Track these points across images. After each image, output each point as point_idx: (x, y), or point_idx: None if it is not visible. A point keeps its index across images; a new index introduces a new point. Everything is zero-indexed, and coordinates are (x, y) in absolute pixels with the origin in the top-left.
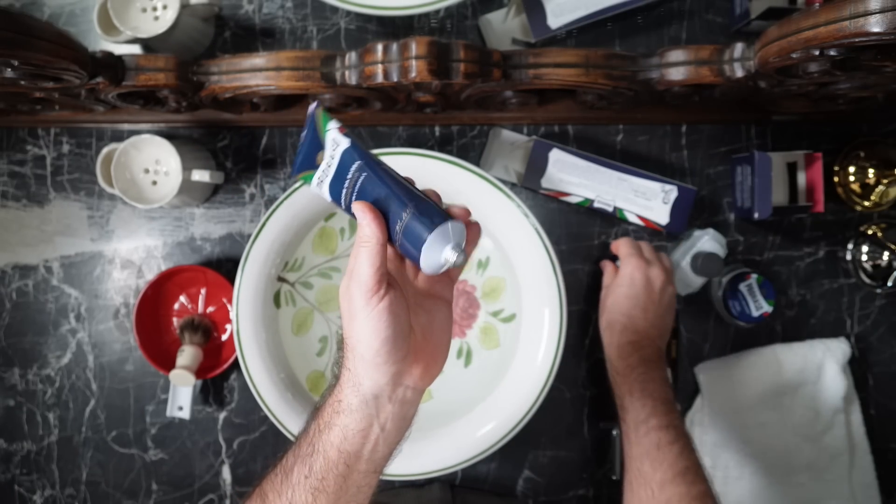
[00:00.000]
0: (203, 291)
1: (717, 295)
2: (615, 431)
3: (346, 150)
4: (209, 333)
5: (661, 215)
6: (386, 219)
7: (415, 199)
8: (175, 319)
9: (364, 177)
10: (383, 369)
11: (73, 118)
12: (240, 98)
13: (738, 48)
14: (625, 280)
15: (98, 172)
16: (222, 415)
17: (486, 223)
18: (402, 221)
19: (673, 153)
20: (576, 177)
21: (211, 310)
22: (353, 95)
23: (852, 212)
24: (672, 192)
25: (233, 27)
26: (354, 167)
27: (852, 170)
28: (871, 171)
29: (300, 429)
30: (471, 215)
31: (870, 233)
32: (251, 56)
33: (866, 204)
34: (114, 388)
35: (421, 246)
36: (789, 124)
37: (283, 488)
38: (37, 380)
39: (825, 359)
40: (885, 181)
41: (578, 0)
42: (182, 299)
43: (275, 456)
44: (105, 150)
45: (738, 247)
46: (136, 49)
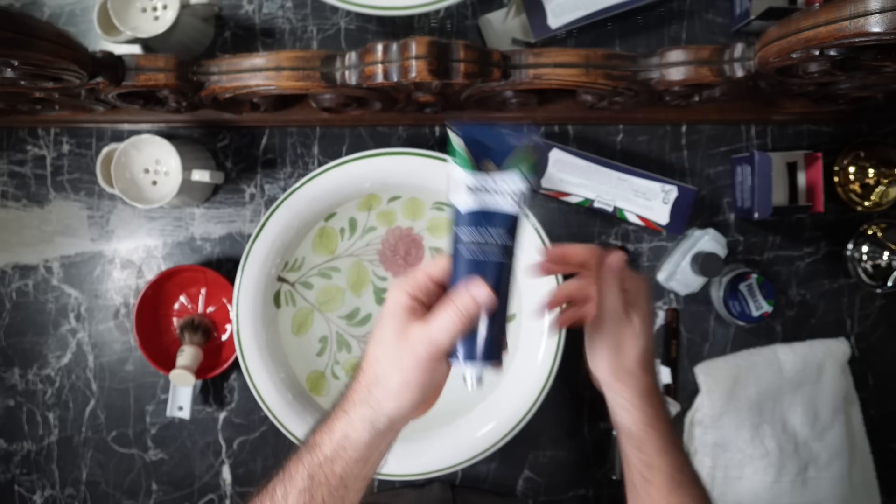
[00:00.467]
0: (203, 291)
1: (717, 295)
2: (615, 431)
3: (509, 217)
4: (209, 333)
5: (661, 215)
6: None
7: (492, 319)
8: (175, 319)
9: (495, 250)
10: (409, 407)
11: (73, 118)
12: (240, 98)
13: (738, 48)
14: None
15: (98, 172)
16: (222, 415)
17: None
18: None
19: (673, 153)
20: (576, 177)
21: (211, 310)
22: (353, 95)
23: (852, 212)
24: (672, 192)
25: (233, 27)
26: (499, 235)
27: (852, 170)
28: (871, 171)
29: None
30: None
31: (870, 233)
32: (251, 56)
33: (866, 204)
34: (114, 388)
35: (456, 353)
36: (789, 124)
37: None
38: (37, 380)
39: (825, 359)
40: (885, 181)
41: (578, 0)
42: (182, 299)
43: (275, 456)
44: (105, 150)
45: (738, 247)
46: (136, 49)
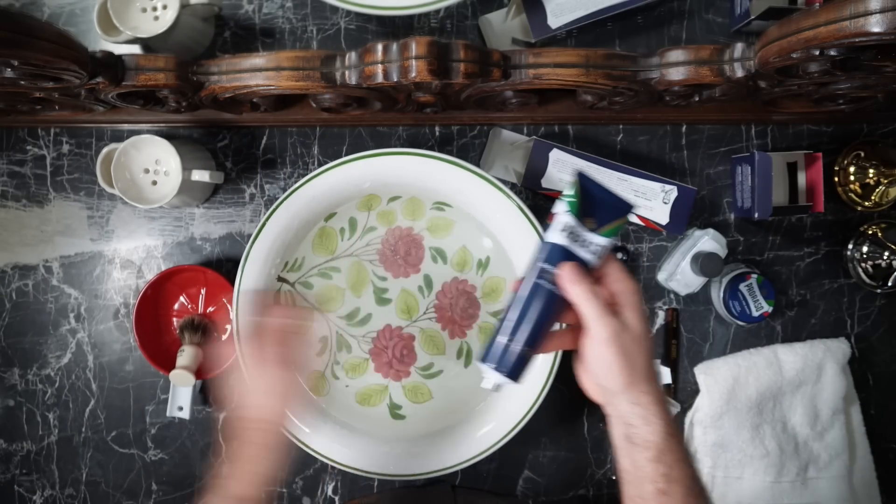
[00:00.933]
0: (203, 291)
1: (717, 295)
2: (618, 447)
3: (587, 267)
4: (209, 333)
5: (661, 215)
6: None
7: (519, 336)
8: (175, 319)
9: (543, 289)
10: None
11: (73, 118)
12: (240, 98)
13: (738, 48)
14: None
15: (98, 172)
16: (222, 415)
17: (486, 223)
18: (502, 336)
19: (673, 153)
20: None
21: (211, 310)
22: (353, 95)
23: (852, 212)
24: (672, 192)
25: (233, 27)
26: (547, 284)
27: (852, 170)
28: (871, 171)
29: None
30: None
31: (870, 233)
32: (251, 56)
33: (866, 204)
34: (114, 388)
35: (488, 357)
36: (789, 124)
37: None
38: (37, 380)
39: (825, 359)
40: (885, 181)
41: (578, 0)
42: (182, 299)
43: None
44: (105, 150)
45: (738, 247)
46: (136, 49)
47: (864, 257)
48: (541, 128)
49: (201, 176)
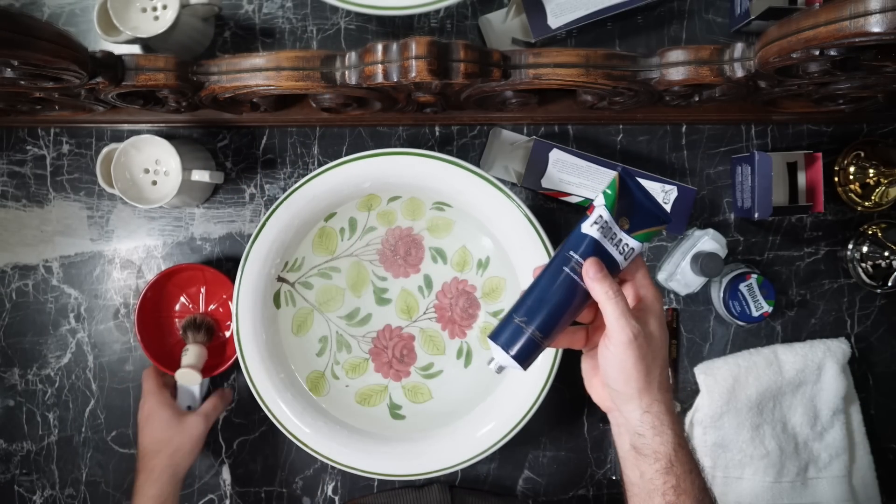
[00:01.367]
0: (203, 290)
1: (717, 295)
2: (623, 456)
3: (613, 265)
4: (212, 331)
5: None
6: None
7: (534, 320)
8: (177, 320)
9: (568, 277)
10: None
11: (73, 118)
12: (240, 98)
13: (738, 48)
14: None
15: (98, 172)
16: (222, 415)
17: (486, 223)
18: (517, 316)
19: (673, 153)
20: (576, 177)
21: (212, 307)
22: (353, 95)
23: (852, 212)
24: (672, 192)
25: (233, 27)
26: (569, 267)
27: (852, 170)
28: (871, 171)
29: None
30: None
31: (870, 233)
32: (251, 56)
33: (866, 204)
34: (114, 388)
35: (499, 334)
36: (789, 124)
37: None
38: (37, 380)
39: (825, 359)
40: (885, 181)
41: (578, 0)
42: (183, 299)
43: (274, 456)
44: (105, 150)
45: (738, 247)
46: (136, 49)
47: (864, 257)
48: (541, 128)
49: (201, 176)
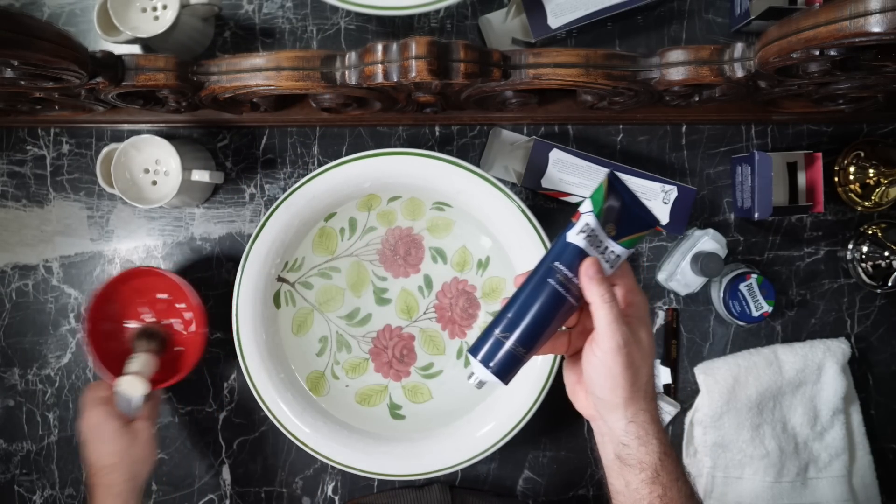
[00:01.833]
0: (162, 297)
1: (717, 295)
2: (606, 464)
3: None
4: (165, 343)
5: (661, 215)
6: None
7: (515, 334)
8: (132, 325)
9: (572, 291)
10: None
11: (73, 118)
12: (240, 98)
13: (738, 48)
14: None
15: (98, 172)
16: (222, 415)
17: (486, 223)
18: (498, 330)
19: (673, 153)
20: (576, 177)
21: (170, 321)
22: (353, 95)
23: (852, 212)
24: (672, 192)
25: (233, 27)
26: (561, 272)
27: (852, 170)
28: (871, 171)
29: None
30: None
31: (870, 233)
32: (251, 56)
33: (866, 204)
34: None
35: (478, 349)
36: (789, 124)
37: None
38: (37, 380)
39: (825, 359)
40: (885, 181)
41: (578, 0)
42: (142, 308)
43: (274, 456)
44: (105, 150)
45: (738, 247)
46: (136, 49)
47: (864, 257)
48: (541, 128)
49: (201, 176)
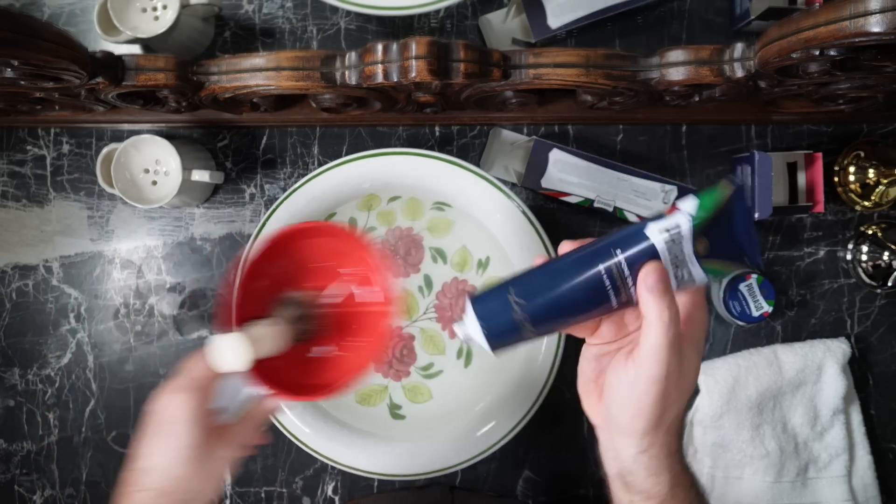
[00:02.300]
0: (347, 273)
1: (717, 295)
2: (611, 481)
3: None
4: (315, 327)
5: None
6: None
7: (532, 308)
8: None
9: (599, 282)
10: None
11: (73, 118)
12: (240, 98)
13: (738, 48)
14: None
15: (98, 172)
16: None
17: (486, 223)
18: (513, 294)
19: (673, 153)
20: (576, 177)
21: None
22: (353, 95)
23: (852, 212)
24: (672, 192)
25: (233, 27)
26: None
27: (852, 170)
28: (871, 171)
29: None
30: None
31: (870, 233)
32: (251, 56)
33: (866, 204)
34: (114, 388)
35: (478, 304)
36: (789, 124)
37: None
38: (37, 380)
39: (825, 359)
40: (885, 181)
41: (578, 0)
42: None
43: (274, 456)
44: (105, 150)
45: None
46: (136, 49)
47: (864, 257)
48: (541, 128)
49: (201, 176)
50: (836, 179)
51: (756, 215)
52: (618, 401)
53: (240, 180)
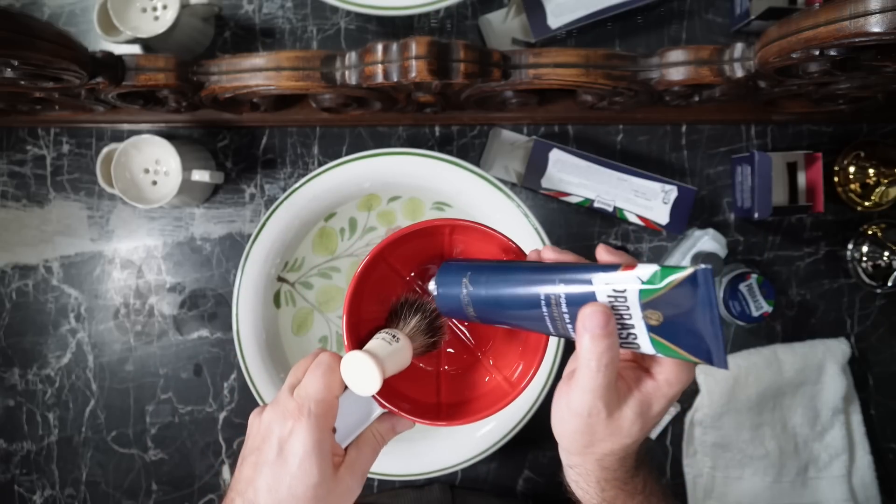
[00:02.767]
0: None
1: (717, 295)
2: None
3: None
4: (439, 335)
5: (661, 215)
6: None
7: (478, 300)
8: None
9: (539, 311)
10: None
11: (73, 118)
12: (240, 98)
13: (738, 48)
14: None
15: (98, 172)
16: (222, 415)
17: (486, 223)
18: (468, 277)
19: (673, 153)
20: (576, 177)
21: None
22: (353, 95)
23: (852, 212)
24: (672, 192)
25: (233, 27)
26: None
27: (852, 170)
28: (871, 171)
29: None
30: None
31: (870, 233)
32: (251, 56)
33: (866, 204)
34: (114, 388)
35: (446, 266)
36: (789, 124)
37: None
38: (37, 380)
39: (825, 359)
40: (885, 181)
41: (578, 0)
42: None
43: None
44: (105, 150)
45: (738, 247)
46: (136, 49)
47: (864, 257)
48: (541, 128)
49: (201, 176)
50: (836, 179)
51: (756, 215)
52: (554, 412)
53: (240, 180)
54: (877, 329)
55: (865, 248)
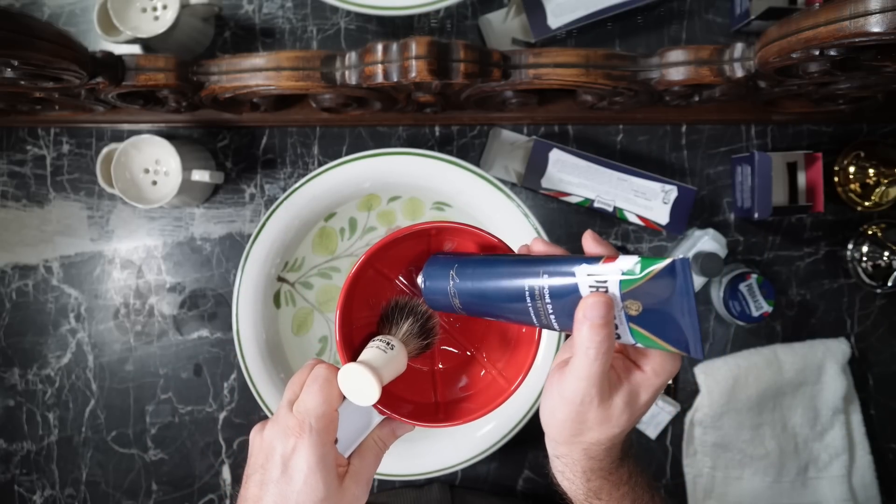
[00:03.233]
0: None
1: (717, 295)
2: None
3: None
4: (432, 335)
5: (661, 215)
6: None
7: (463, 294)
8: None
9: (523, 304)
10: None
11: (73, 118)
12: (240, 98)
13: (738, 48)
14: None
15: (98, 172)
16: (222, 415)
17: (486, 223)
18: (456, 270)
19: (673, 153)
20: (576, 177)
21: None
22: (353, 95)
23: (852, 212)
24: (672, 192)
25: (233, 27)
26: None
27: (852, 170)
28: (871, 171)
29: None
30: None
31: (870, 233)
32: (251, 56)
33: (866, 204)
34: (114, 388)
35: (434, 259)
36: (789, 124)
37: None
38: (37, 380)
39: (825, 359)
40: (885, 181)
41: (578, 0)
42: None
43: None
44: (105, 150)
45: (738, 247)
46: (136, 49)
47: (864, 257)
48: (541, 128)
49: (201, 176)
50: (836, 179)
51: (756, 215)
52: (544, 401)
53: (240, 180)
54: (877, 329)
55: (865, 248)
